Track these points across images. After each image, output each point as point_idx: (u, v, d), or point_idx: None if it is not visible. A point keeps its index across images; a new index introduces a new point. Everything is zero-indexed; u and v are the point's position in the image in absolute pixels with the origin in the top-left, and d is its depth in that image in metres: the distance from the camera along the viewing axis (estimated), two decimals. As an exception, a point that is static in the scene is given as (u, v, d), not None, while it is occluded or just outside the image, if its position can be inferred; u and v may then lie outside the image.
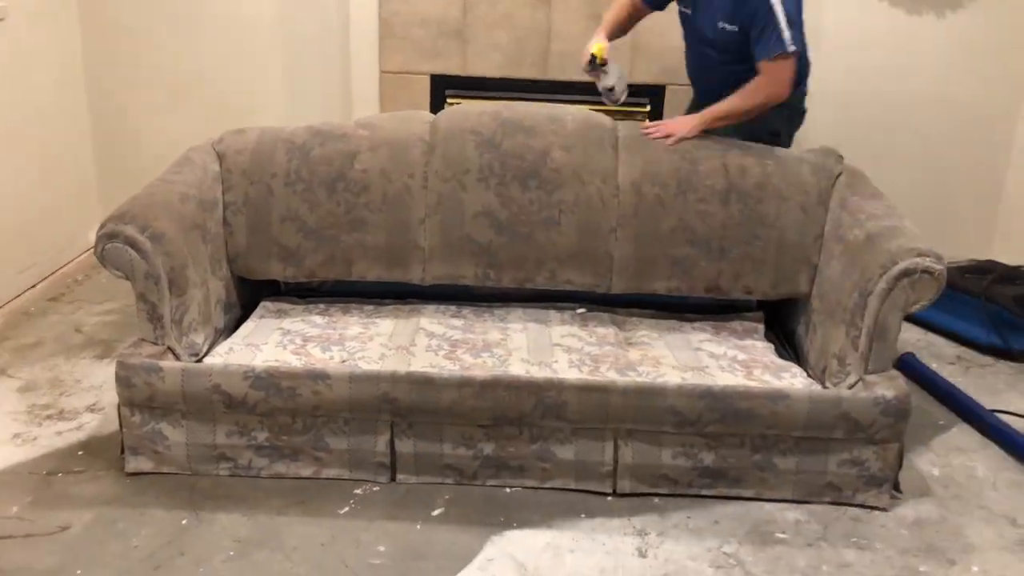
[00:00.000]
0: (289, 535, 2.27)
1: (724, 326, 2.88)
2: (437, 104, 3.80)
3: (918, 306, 2.38)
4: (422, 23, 3.70)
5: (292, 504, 2.38)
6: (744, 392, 2.34)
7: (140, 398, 2.38)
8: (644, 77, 3.23)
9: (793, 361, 2.70)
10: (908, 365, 3.15)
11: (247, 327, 2.76)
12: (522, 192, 2.78)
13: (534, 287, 2.86)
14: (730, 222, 2.75)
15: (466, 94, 3.85)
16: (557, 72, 3.89)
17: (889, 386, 2.35)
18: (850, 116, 3.99)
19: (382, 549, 2.23)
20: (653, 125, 2.89)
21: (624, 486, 2.44)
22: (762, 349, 2.72)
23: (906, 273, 2.35)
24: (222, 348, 2.59)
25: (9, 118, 3.48)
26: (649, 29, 3.48)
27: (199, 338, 2.56)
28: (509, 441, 2.42)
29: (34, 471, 2.50)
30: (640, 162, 2.80)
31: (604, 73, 2.95)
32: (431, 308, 2.89)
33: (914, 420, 2.45)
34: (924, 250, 2.37)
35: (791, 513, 2.41)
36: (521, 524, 2.33)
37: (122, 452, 2.47)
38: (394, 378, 2.36)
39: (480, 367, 2.50)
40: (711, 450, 2.39)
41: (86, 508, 2.34)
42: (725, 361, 2.60)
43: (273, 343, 2.61)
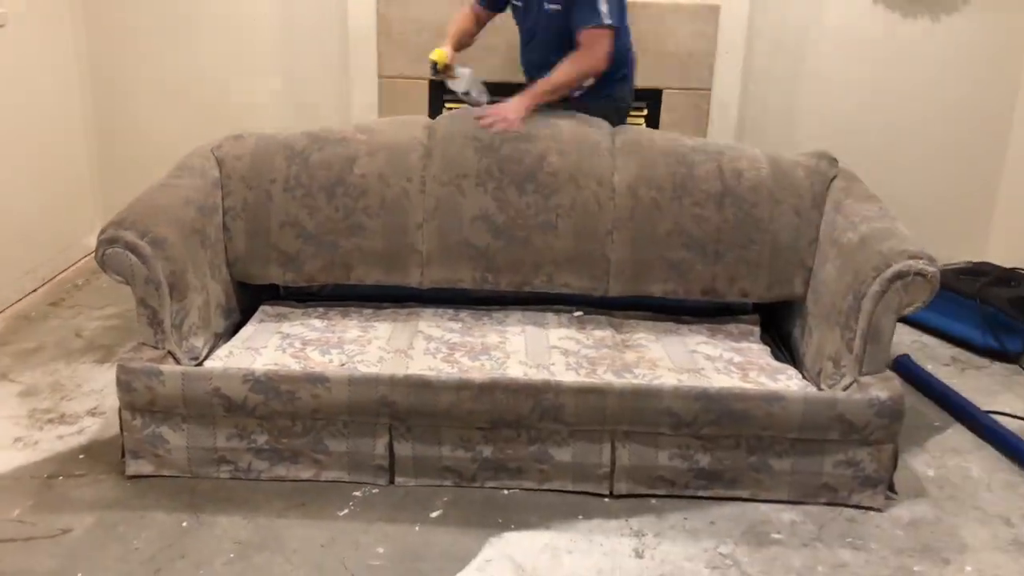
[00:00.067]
0: (289, 537, 2.28)
1: (720, 329, 2.89)
2: (435, 109, 3.81)
3: (911, 308, 2.40)
4: (420, 28, 3.71)
5: (292, 506, 2.39)
6: (740, 394, 2.35)
7: (141, 402, 2.40)
8: (641, 82, 3.25)
9: (789, 363, 2.71)
10: (903, 367, 3.17)
11: (246, 331, 2.77)
12: (519, 196, 2.80)
13: (532, 290, 2.88)
14: (725, 225, 2.77)
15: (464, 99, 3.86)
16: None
17: (883, 387, 2.37)
18: (845, 119, 4.02)
19: (381, 551, 2.24)
20: (488, 115, 2.88)
21: (621, 488, 2.45)
22: (758, 351, 2.73)
23: (899, 276, 2.36)
24: (222, 352, 2.60)
25: (9, 123, 3.50)
26: (648, 34, 3.49)
27: (199, 342, 2.57)
28: (507, 443, 2.43)
29: (35, 475, 2.51)
30: (636, 166, 2.81)
31: (453, 79, 3.06)
32: (429, 311, 2.90)
33: (909, 421, 2.47)
34: (917, 252, 2.38)
35: (787, 514, 2.42)
36: (519, 526, 2.34)
37: (123, 455, 2.49)
38: (393, 381, 2.37)
39: (478, 370, 2.51)
40: (707, 452, 2.41)
41: (87, 511, 2.35)
42: (721, 363, 2.62)
43: (272, 347, 2.62)
